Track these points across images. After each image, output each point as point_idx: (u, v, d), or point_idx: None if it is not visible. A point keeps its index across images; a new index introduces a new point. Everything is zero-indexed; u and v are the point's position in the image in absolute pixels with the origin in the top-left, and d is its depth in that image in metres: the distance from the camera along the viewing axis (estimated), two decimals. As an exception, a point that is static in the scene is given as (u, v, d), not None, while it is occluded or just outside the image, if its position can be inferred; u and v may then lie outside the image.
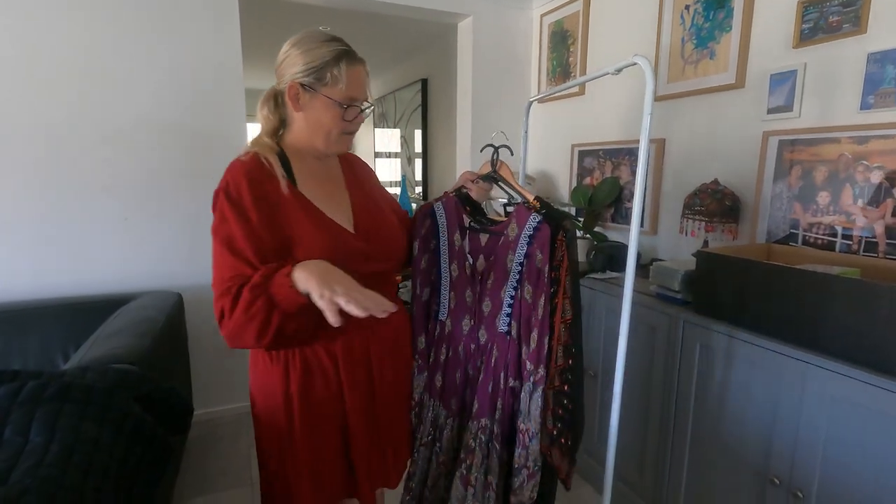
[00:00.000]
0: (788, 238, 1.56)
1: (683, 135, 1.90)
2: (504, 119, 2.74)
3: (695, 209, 1.70)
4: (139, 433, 1.08)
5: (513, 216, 1.12)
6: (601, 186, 2.25)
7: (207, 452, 2.10)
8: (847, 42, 1.39)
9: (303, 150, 1.01)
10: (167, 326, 1.69)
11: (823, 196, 1.46)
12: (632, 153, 2.14)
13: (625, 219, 2.20)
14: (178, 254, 2.16)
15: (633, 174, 2.13)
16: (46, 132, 1.90)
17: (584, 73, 2.38)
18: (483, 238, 1.17)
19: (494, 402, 1.12)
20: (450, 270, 1.20)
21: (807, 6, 1.47)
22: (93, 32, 1.91)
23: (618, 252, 1.90)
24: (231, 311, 0.85)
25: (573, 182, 2.49)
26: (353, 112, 0.97)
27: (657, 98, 1.95)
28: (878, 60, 1.31)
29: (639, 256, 1.73)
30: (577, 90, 2.42)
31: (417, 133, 4.35)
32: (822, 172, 1.46)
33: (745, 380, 1.28)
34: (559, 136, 2.59)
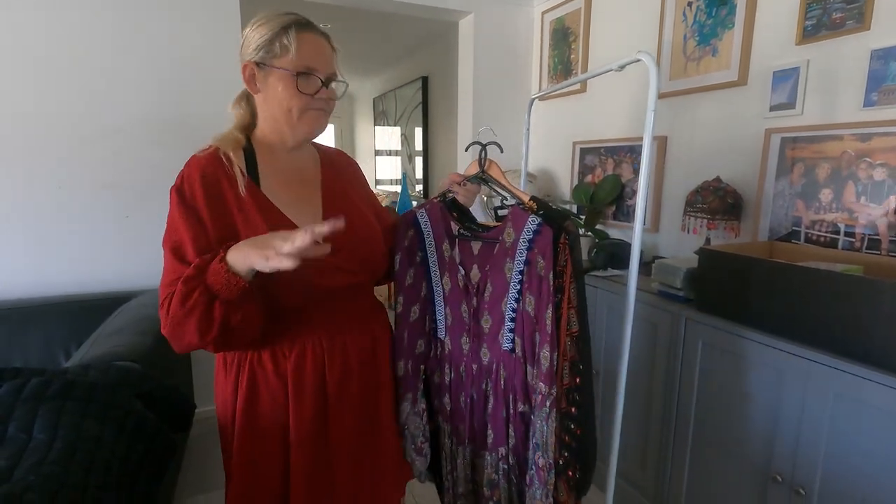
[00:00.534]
0: (791, 235, 1.55)
1: (685, 132, 1.90)
2: (505, 117, 2.73)
3: (697, 206, 1.70)
4: (141, 431, 1.08)
5: (508, 220, 1.00)
6: (603, 184, 2.24)
7: (209, 450, 2.11)
8: (850, 39, 1.38)
9: (273, 145, 0.94)
10: (169, 324, 1.69)
11: (826, 193, 1.46)
12: (633, 151, 2.14)
13: (626, 216, 2.20)
14: (180, 252, 2.16)
15: (635, 172, 2.13)
16: (47, 129, 1.90)
17: (586, 71, 2.38)
18: (475, 246, 1.05)
19: (507, 429, 1.01)
20: (442, 284, 1.08)
21: (810, 3, 1.46)
22: (93, 28, 1.91)
23: (619, 250, 1.90)
24: (168, 310, 0.80)
25: (574, 180, 2.49)
26: (311, 83, 0.87)
27: (659, 95, 1.94)
28: (882, 57, 1.31)
29: (641, 254, 1.73)
30: (579, 87, 2.42)
31: (418, 131, 4.34)
32: (825, 170, 1.46)
33: (748, 377, 1.28)
34: (560, 134, 2.58)
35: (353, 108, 6.67)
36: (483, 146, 1.12)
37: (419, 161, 4.42)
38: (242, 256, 0.74)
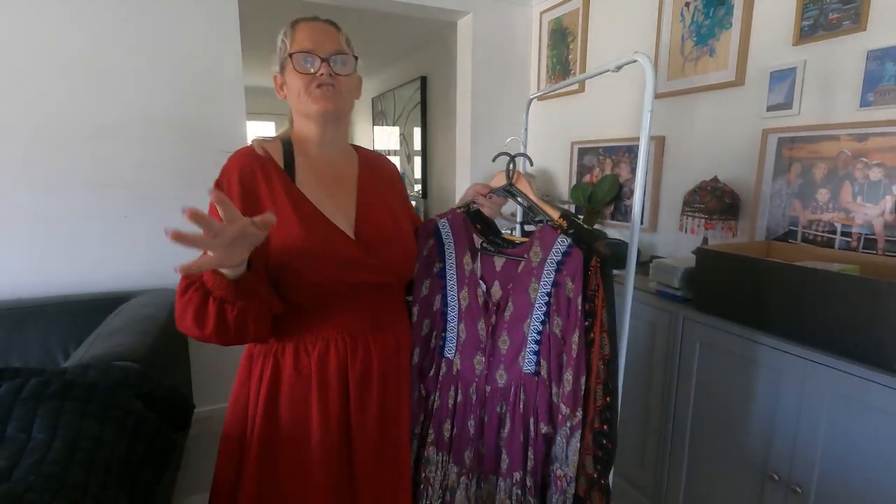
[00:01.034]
0: (788, 235, 1.56)
1: (683, 132, 1.90)
2: (504, 117, 2.73)
3: (694, 206, 1.71)
4: (141, 430, 1.08)
5: (535, 237, 0.96)
6: (601, 184, 2.25)
7: (208, 449, 2.10)
8: (847, 39, 1.39)
9: (307, 142, 0.97)
10: (168, 324, 1.69)
11: (823, 193, 1.47)
12: (631, 150, 2.14)
13: (624, 216, 2.20)
14: (178, 251, 2.14)
15: (633, 171, 2.13)
16: (46, 129, 1.90)
17: (584, 71, 2.38)
18: (498, 262, 1.01)
19: (526, 453, 0.99)
20: (458, 298, 1.04)
21: (807, 3, 1.47)
22: (91, 28, 1.90)
23: (617, 249, 1.90)
24: (177, 296, 0.83)
25: (573, 180, 2.50)
26: (311, 62, 0.90)
27: (657, 95, 1.95)
28: (878, 58, 1.31)
29: (638, 254, 1.74)
30: (577, 88, 2.42)
31: (416, 131, 4.34)
32: (822, 170, 1.46)
33: (745, 376, 1.29)
34: (559, 134, 2.59)
35: (352, 108, 6.65)
36: (511, 157, 1.08)
37: (418, 161, 4.42)
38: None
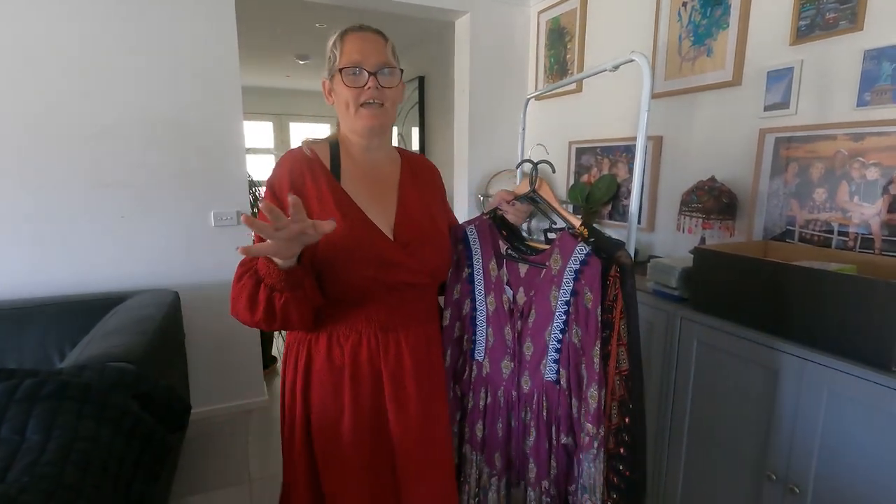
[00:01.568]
0: (785, 235, 1.56)
1: (680, 132, 1.90)
2: (501, 117, 2.74)
3: (692, 206, 1.71)
4: (137, 431, 1.07)
5: (556, 244, 0.97)
6: (598, 184, 2.25)
7: (205, 450, 2.10)
8: (844, 39, 1.39)
9: (352, 145, 1.01)
10: (164, 325, 1.69)
11: (820, 193, 1.47)
12: (629, 150, 2.14)
13: (622, 216, 2.20)
14: (176, 252, 2.16)
15: (631, 171, 2.13)
16: (43, 129, 1.89)
17: (582, 71, 2.38)
18: (522, 268, 1.02)
19: (549, 461, 0.99)
20: (486, 303, 1.06)
21: (804, 3, 1.47)
22: (87, 26, 1.90)
23: (615, 249, 1.90)
24: (233, 283, 0.88)
25: (570, 179, 2.50)
26: (358, 76, 0.93)
27: (654, 95, 1.95)
28: (875, 57, 1.32)
29: (636, 253, 1.74)
30: (575, 87, 2.42)
31: (415, 131, 4.34)
32: (819, 169, 1.46)
33: (742, 375, 1.29)
34: (556, 134, 2.58)
35: (350, 108, 6.65)
36: (535, 165, 1.09)
37: (416, 161, 4.41)
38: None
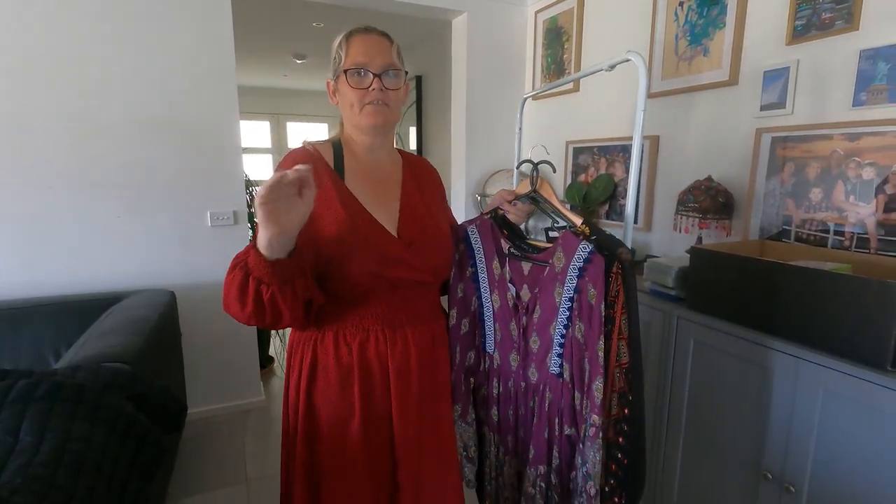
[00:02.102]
0: (781, 234, 1.56)
1: (677, 131, 1.90)
2: (499, 116, 2.73)
3: (688, 206, 1.71)
4: (131, 432, 1.07)
5: (558, 243, 0.99)
6: (595, 183, 2.25)
7: (202, 451, 2.10)
8: (839, 39, 1.39)
9: (355, 145, 1.01)
10: (160, 325, 1.68)
11: (816, 192, 1.47)
12: (626, 150, 2.15)
13: (619, 216, 2.21)
14: (172, 251, 2.15)
15: (628, 171, 2.13)
16: (38, 129, 1.88)
17: (579, 70, 2.38)
18: (525, 266, 1.05)
19: (551, 450, 1.03)
20: (491, 300, 1.09)
21: (800, 3, 1.47)
22: (82, 26, 1.89)
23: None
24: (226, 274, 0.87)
25: (568, 179, 2.50)
26: (363, 78, 0.94)
27: (651, 95, 1.95)
28: (871, 57, 1.32)
29: (633, 253, 1.74)
30: (572, 87, 2.42)
31: (412, 130, 4.34)
32: (815, 169, 1.47)
33: (739, 375, 1.29)
34: (553, 133, 2.58)
35: (348, 108, 6.63)
36: (535, 165, 1.10)
37: (413, 160, 4.41)
38: (260, 232, 0.78)
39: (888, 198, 1.31)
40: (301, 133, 6.68)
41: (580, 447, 0.97)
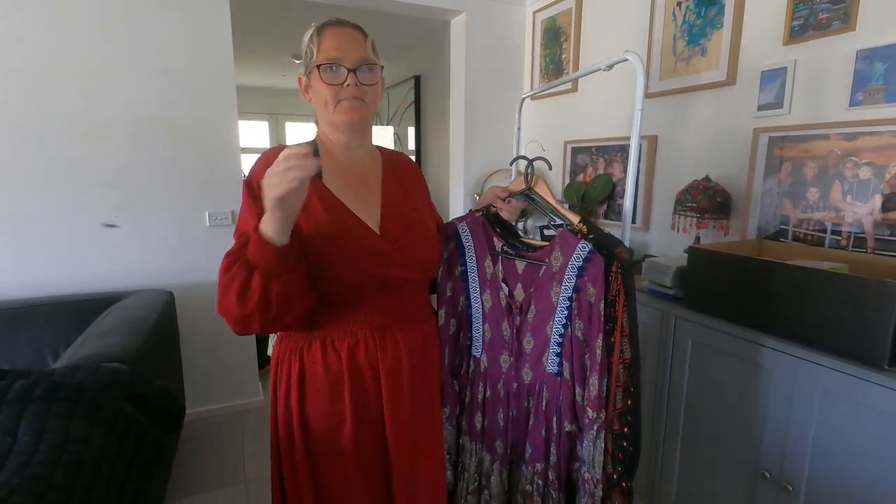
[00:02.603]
0: (779, 234, 1.57)
1: (675, 131, 1.91)
2: (497, 116, 2.73)
3: (686, 205, 1.71)
4: (130, 432, 1.07)
5: (556, 242, 0.97)
6: (594, 183, 2.25)
7: (200, 451, 2.10)
8: (836, 39, 1.40)
9: (332, 143, 0.99)
10: (159, 325, 1.68)
11: (813, 192, 1.47)
12: (624, 150, 2.15)
13: (618, 215, 2.21)
14: (170, 252, 2.15)
15: (626, 171, 2.14)
16: (34, 128, 1.88)
17: (577, 70, 2.38)
18: (519, 265, 1.03)
19: (548, 447, 1.02)
20: (482, 300, 1.07)
21: (797, 3, 1.47)
22: (82, 26, 1.89)
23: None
24: (220, 274, 0.82)
25: (566, 179, 2.50)
26: (337, 73, 0.90)
27: (649, 95, 1.96)
28: (867, 57, 1.32)
29: (631, 252, 1.74)
30: (570, 87, 2.42)
31: (411, 130, 4.33)
32: (812, 169, 1.47)
33: (737, 374, 1.29)
34: (552, 133, 2.59)
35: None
36: (530, 161, 1.07)
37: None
38: (265, 220, 0.77)
39: (885, 197, 1.32)
40: (300, 132, 6.67)
41: (584, 444, 0.98)
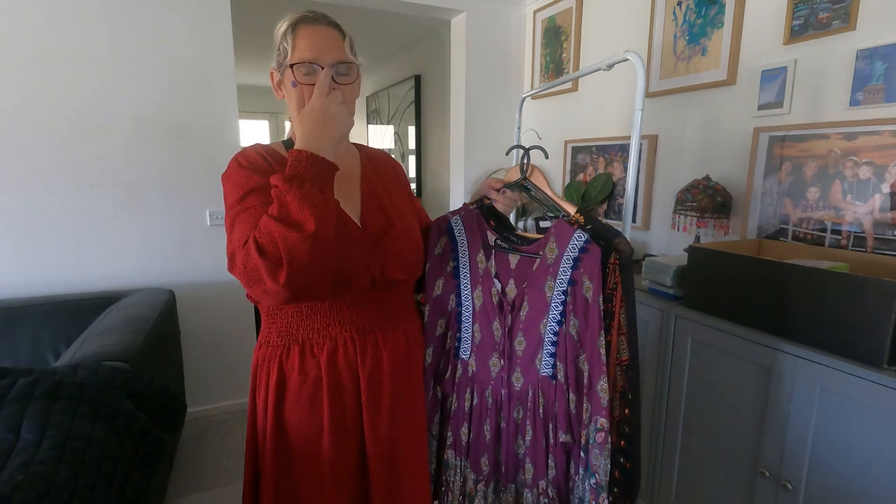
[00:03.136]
0: (779, 233, 1.57)
1: (675, 131, 1.91)
2: (497, 115, 2.74)
3: (686, 205, 1.71)
4: (131, 430, 1.07)
5: (551, 232, 0.92)
6: (594, 183, 2.26)
7: (201, 449, 2.10)
8: (837, 39, 1.40)
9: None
10: (159, 324, 1.68)
11: (813, 192, 1.48)
12: (624, 149, 2.15)
13: (618, 215, 2.21)
14: (171, 250, 2.15)
15: (626, 170, 2.14)
16: (35, 127, 1.88)
17: (577, 70, 2.38)
18: (513, 259, 0.97)
19: (547, 461, 0.95)
20: (473, 298, 1.01)
21: (798, 3, 1.47)
22: (83, 27, 1.89)
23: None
24: (244, 248, 0.75)
25: (566, 178, 2.50)
26: (311, 76, 0.86)
27: (649, 94, 1.96)
28: (867, 57, 1.32)
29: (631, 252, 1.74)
30: (570, 86, 2.43)
31: (411, 129, 4.34)
32: (812, 168, 1.47)
33: (736, 373, 1.29)
34: (552, 133, 2.59)
35: (346, 107, 6.63)
36: (525, 150, 1.02)
37: (412, 160, 4.41)
38: (309, 128, 0.78)
39: (885, 197, 1.32)
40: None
41: (582, 457, 0.90)
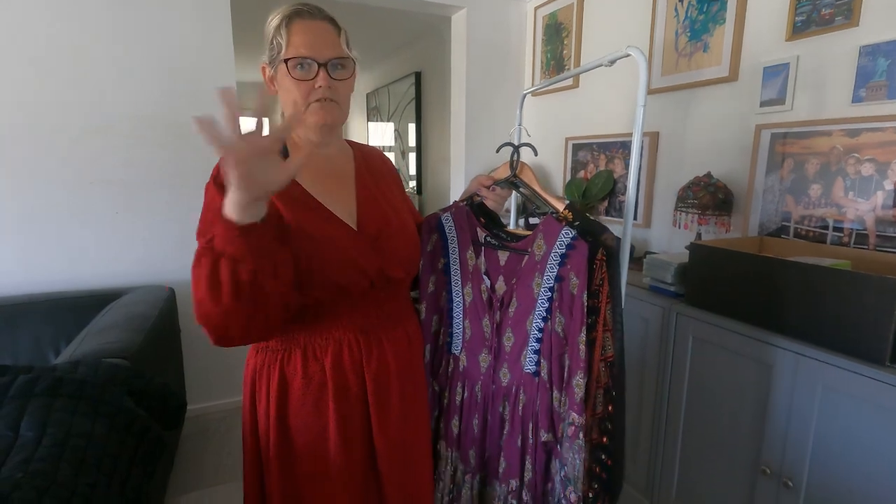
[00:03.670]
0: (780, 230, 1.56)
1: (677, 128, 1.90)
2: (498, 112, 2.73)
3: (688, 202, 1.71)
4: (132, 428, 1.07)
5: (539, 229, 0.93)
6: (595, 180, 2.25)
7: (201, 447, 2.10)
8: (839, 35, 1.39)
9: (298, 140, 0.94)
10: (159, 321, 1.68)
11: (815, 189, 1.47)
12: (625, 146, 2.14)
13: (619, 212, 2.21)
14: (171, 248, 2.15)
15: (627, 167, 2.13)
16: (35, 125, 1.87)
17: (578, 66, 2.37)
18: (502, 256, 0.99)
19: (524, 461, 0.95)
20: (463, 294, 1.02)
21: (800, -1, 1.47)
22: (84, 26, 1.88)
23: (611, 245, 1.91)
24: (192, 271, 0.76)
25: (567, 175, 2.49)
26: (308, 70, 0.84)
27: (651, 91, 1.95)
28: (870, 53, 1.32)
29: (632, 249, 1.74)
30: (571, 83, 2.42)
31: (411, 126, 4.33)
32: (814, 165, 1.47)
33: (737, 370, 1.29)
34: (553, 130, 2.58)
35: (346, 104, 6.62)
36: (515, 147, 1.04)
37: (412, 157, 4.41)
38: (228, 201, 0.69)
39: (887, 194, 1.31)
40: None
41: (557, 449, 0.91)
